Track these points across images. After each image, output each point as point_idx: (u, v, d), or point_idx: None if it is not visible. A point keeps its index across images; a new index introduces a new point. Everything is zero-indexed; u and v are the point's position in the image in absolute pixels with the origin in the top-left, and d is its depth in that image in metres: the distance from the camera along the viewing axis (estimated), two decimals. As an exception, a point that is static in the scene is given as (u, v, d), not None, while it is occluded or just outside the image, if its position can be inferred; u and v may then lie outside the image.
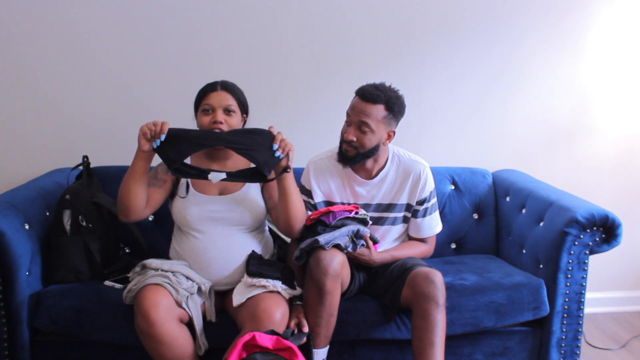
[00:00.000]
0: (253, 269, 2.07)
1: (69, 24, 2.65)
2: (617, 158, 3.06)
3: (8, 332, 2.09)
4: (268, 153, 1.99)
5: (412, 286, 2.08)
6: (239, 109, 2.17)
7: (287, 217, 2.09)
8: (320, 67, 2.82)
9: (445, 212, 2.72)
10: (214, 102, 2.13)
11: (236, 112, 2.15)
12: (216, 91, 2.14)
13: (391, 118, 2.16)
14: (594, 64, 2.96)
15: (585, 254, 2.28)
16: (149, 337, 1.90)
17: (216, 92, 2.14)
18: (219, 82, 2.18)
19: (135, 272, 2.10)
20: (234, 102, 2.15)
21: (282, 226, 2.14)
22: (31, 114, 2.70)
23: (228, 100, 2.14)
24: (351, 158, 2.20)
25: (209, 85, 2.17)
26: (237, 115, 2.16)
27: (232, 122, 2.13)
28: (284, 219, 2.10)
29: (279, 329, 1.93)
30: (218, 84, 2.16)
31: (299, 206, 2.09)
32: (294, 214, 2.08)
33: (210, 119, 2.11)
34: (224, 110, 2.13)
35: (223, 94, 2.14)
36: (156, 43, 2.71)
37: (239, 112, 2.17)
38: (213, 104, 2.12)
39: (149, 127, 1.97)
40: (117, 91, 2.73)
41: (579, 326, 2.32)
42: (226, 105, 2.13)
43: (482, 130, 2.96)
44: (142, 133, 1.98)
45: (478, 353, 2.31)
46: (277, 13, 2.75)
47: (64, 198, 2.24)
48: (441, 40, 2.85)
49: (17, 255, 2.03)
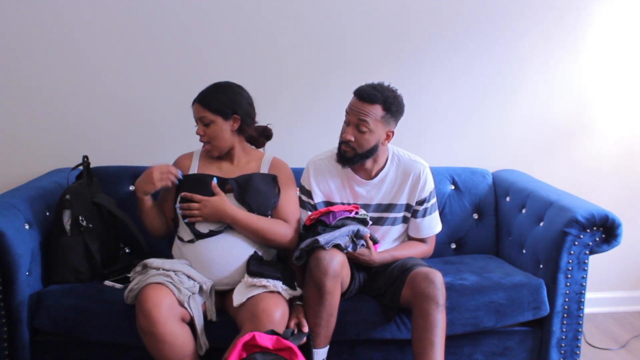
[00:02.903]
0: (254, 269, 2.08)
1: (69, 25, 2.65)
2: (617, 158, 3.06)
3: (8, 332, 2.09)
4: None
5: (412, 286, 2.08)
6: (217, 116, 2.19)
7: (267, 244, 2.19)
8: (321, 67, 2.81)
9: (445, 212, 2.72)
10: (195, 116, 2.23)
11: (213, 120, 2.19)
12: (193, 104, 2.23)
13: (389, 118, 2.16)
14: (594, 64, 2.96)
15: (585, 254, 2.28)
16: (150, 336, 1.90)
17: (193, 106, 2.23)
18: (200, 93, 2.23)
19: (137, 271, 2.10)
20: (205, 112, 2.19)
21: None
22: (31, 114, 2.70)
23: (200, 112, 2.20)
24: (350, 158, 2.20)
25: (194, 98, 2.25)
26: (215, 125, 2.20)
27: (210, 132, 2.20)
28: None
29: (278, 329, 1.93)
30: (196, 97, 2.23)
31: (268, 230, 2.15)
32: (268, 238, 2.16)
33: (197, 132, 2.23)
34: (202, 123, 2.21)
35: (196, 107, 2.22)
36: (155, 44, 2.71)
37: (218, 118, 2.20)
38: (195, 117, 2.23)
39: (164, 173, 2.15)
40: (117, 91, 2.73)
41: (579, 326, 2.32)
42: (200, 117, 2.21)
43: (482, 131, 2.96)
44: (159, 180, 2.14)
45: (478, 353, 2.31)
46: (276, 13, 2.75)
47: (64, 198, 2.24)
48: (440, 39, 2.85)
49: (17, 255, 2.03)
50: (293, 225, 2.23)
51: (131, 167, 2.64)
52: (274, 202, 2.22)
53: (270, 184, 2.23)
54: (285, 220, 2.22)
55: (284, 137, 2.54)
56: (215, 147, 2.22)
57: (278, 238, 2.17)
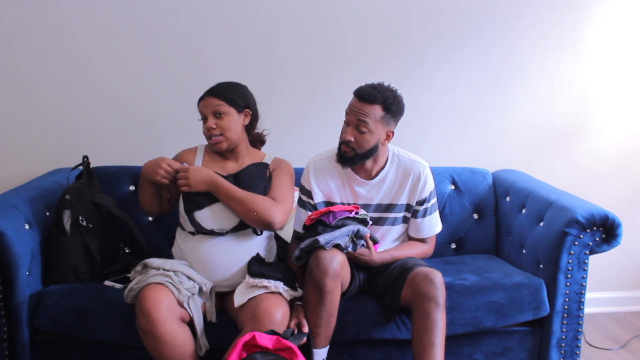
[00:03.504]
0: (255, 270, 2.07)
1: (69, 25, 2.65)
2: (617, 158, 3.06)
3: (8, 332, 2.09)
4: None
5: (412, 286, 2.08)
6: (231, 108, 2.19)
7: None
8: (321, 67, 2.82)
9: (445, 212, 2.72)
10: (205, 109, 2.19)
11: (227, 112, 2.18)
12: (204, 99, 2.20)
13: (389, 118, 2.16)
14: (594, 64, 2.96)
15: (585, 254, 2.28)
16: (150, 336, 1.90)
17: (204, 99, 2.20)
18: (210, 88, 2.22)
19: (137, 271, 2.10)
20: (221, 102, 2.17)
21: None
22: (31, 114, 2.70)
23: (214, 103, 2.17)
24: (350, 159, 2.20)
25: (202, 95, 2.23)
26: (229, 115, 2.18)
27: (224, 124, 2.17)
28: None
29: (279, 329, 1.93)
30: (207, 91, 2.21)
31: (252, 201, 2.11)
32: (252, 209, 2.10)
33: (205, 126, 2.19)
34: (214, 115, 2.17)
35: (209, 99, 2.19)
36: (155, 44, 2.71)
37: (232, 109, 2.19)
38: (204, 112, 2.19)
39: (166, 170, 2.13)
40: (117, 91, 2.73)
41: (579, 326, 2.32)
42: (213, 108, 2.17)
43: (481, 131, 2.96)
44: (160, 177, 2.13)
45: (478, 353, 2.31)
46: (276, 13, 2.75)
47: (64, 198, 2.24)
48: (440, 39, 2.85)
49: (17, 255, 2.03)
50: (281, 205, 2.15)
51: (131, 167, 2.64)
52: (265, 188, 2.18)
53: (261, 170, 2.23)
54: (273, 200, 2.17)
55: (284, 137, 2.54)
56: (226, 138, 2.18)
57: (262, 211, 2.09)
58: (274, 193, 2.18)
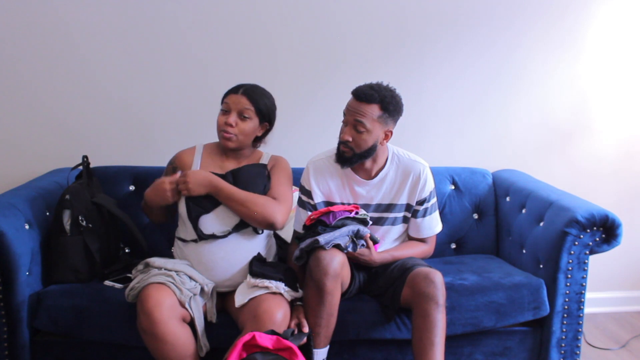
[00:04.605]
0: (256, 270, 2.07)
1: (69, 25, 2.65)
2: (616, 158, 3.06)
3: (8, 332, 2.09)
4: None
5: (412, 286, 2.08)
6: (256, 116, 2.17)
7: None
8: (320, 67, 2.81)
9: (445, 212, 2.72)
10: (232, 104, 2.16)
11: (252, 118, 2.16)
12: (237, 94, 2.17)
13: (387, 117, 2.16)
14: (593, 64, 2.96)
15: (585, 254, 2.28)
16: (151, 336, 1.90)
17: (237, 94, 2.17)
18: (244, 85, 2.20)
19: (138, 270, 2.10)
20: (251, 107, 2.16)
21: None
22: (31, 114, 2.70)
23: (245, 105, 2.15)
24: (348, 159, 2.20)
25: (234, 87, 2.20)
26: (252, 122, 2.17)
27: (245, 127, 2.16)
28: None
29: (279, 330, 1.93)
30: (241, 87, 2.19)
31: (253, 201, 2.10)
32: (253, 209, 2.10)
33: (224, 119, 2.15)
34: (239, 114, 2.15)
35: (242, 97, 2.16)
36: (155, 45, 2.71)
37: (256, 119, 2.18)
38: (230, 105, 2.16)
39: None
40: (117, 91, 2.73)
41: (579, 326, 2.32)
42: (241, 109, 2.15)
43: (481, 130, 2.96)
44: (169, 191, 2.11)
45: (478, 353, 2.31)
46: (275, 13, 2.75)
47: (64, 198, 2.24)
48: (440, 39, 2.85)
49: (17, 255, 2.03)
50: (281, 204, 2.15)
51: (131, 167, 2.64)
52: (265, 187, 2.18)
53: (260, 170, 2.21)
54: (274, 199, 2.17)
55: (283, 137, 2.53)
56: (238, 140, 2.17)
57: (263, 211, 2.08)
58: (274, 192, 2.18)
